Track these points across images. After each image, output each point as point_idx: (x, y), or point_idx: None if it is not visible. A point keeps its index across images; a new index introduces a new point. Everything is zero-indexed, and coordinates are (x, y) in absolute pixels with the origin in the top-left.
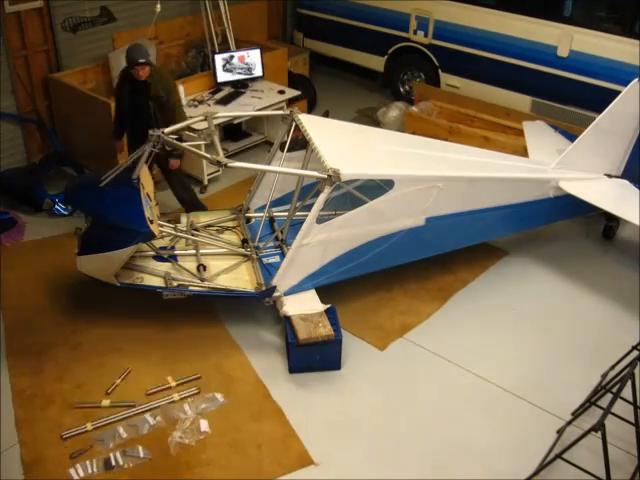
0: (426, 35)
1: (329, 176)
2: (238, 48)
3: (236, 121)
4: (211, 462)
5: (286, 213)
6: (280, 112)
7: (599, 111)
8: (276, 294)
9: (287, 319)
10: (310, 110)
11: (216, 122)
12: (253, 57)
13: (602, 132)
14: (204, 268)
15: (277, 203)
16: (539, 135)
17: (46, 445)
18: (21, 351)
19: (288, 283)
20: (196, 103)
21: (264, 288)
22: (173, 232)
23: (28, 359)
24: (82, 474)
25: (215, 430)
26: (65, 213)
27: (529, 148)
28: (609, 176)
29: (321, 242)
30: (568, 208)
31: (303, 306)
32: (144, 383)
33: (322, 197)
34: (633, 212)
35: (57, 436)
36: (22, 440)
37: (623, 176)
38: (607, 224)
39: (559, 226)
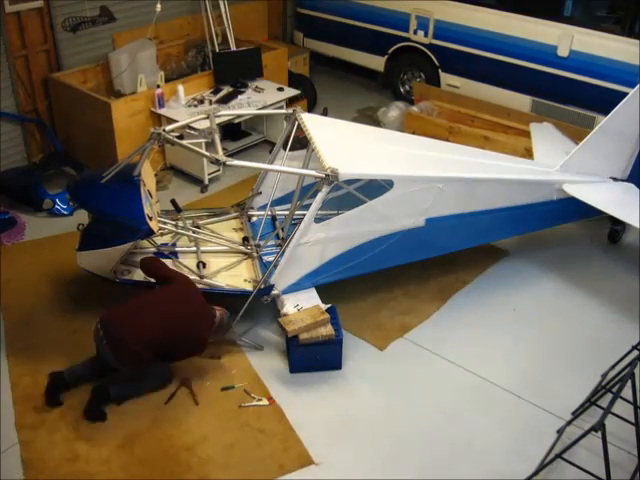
0: (426, 35)
1: (327, 175)
2: (238, 48)
3: (236, 120)
4: (211, 462)
5: (288, 212)
6: (283, 111)
7: (599, 111)
8: (274, 292)
9: None
10: (310, 110)
11: (218, 120)
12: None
13: (608, 135)
14: (204, 265)
15: (280, 202)
16: (546, 137)
17: (46, 445)
18: (21, 351)
19: (286, 282)
20: (196, 103)
21: (262, 286)
22: (174, 229)
23: (28, 359)
24: None
25: (215, 430)
26: (65, 213)
27: (535, 150)
28: (615, 179)
29: (319, 241)
30: (572, 211)
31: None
32: None
33: (320, 196)
34: (637, 216)
35: (57, 436)
36: (22, 440)
37: (629, 179)
38: (613, 228)
39: (560, 227)
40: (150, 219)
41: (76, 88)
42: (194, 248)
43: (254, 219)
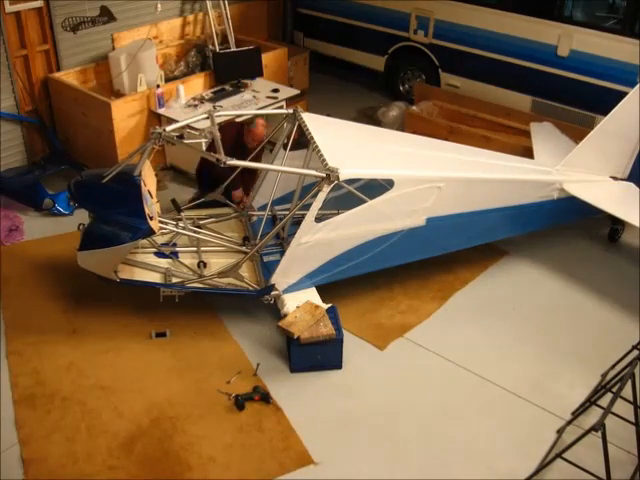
0: (426, 35)
1: (327, 175)
2: (238, 48)
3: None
4: (211, 462)
5: (288, 212)
6: (283, 111)
7: (599, 111)
8: (275, 292)
9: None
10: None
11: (218, 120)
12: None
13: (607, 134)
14: (204, 265)
15: (280, 201)
16: (545, 137)
17: (46, 444)
18: (21, 351)
19: (287, 281)
20: (196, 103)
21: (263, 286)
22: (175, 229)
23: (28, 359)
24: None
25: (215, 430)
26: (65, 212)
27: (535, 149)
28: (615, 178)
29: (320, 241)
30: (572, 210)
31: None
32: (145, 383)
33: (320, 196)
34: (637, 215)
35: (57, 436)
36: (22, 440)
37: (629, 179)
38: (612, 227)
39: (560, 226)
40: (151, 219)
41: (76, 88)
42: (194, 248)
43: (254, 219)
